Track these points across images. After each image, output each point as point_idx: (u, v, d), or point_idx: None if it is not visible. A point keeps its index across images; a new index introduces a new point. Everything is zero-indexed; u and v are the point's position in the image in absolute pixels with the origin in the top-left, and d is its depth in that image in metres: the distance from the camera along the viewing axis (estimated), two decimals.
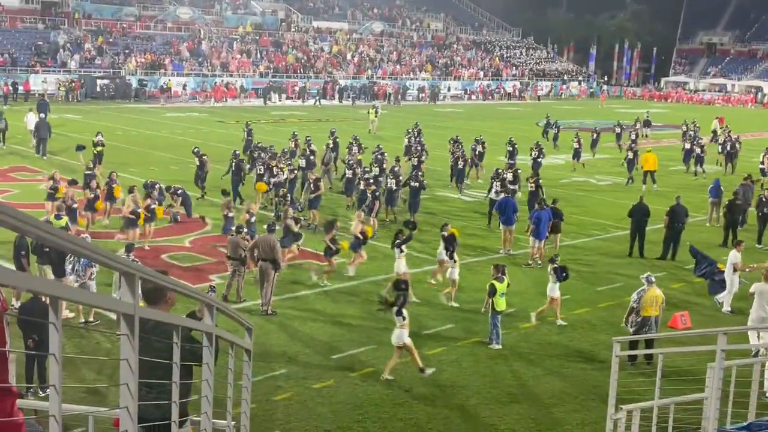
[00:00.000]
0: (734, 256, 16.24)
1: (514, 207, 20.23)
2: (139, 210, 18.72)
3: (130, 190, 19.49)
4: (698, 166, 33.41)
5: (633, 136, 38.26)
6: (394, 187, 22.76)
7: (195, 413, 5.40)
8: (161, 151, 34.13)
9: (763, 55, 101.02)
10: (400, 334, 12.01)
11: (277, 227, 16.39)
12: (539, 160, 30.49)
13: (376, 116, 46.29)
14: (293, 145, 29.23)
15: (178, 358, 4.45)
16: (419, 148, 29.42)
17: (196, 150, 25.87)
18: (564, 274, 14.69)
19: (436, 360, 12.93)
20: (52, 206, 19.54)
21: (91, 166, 22.95)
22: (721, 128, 43.01)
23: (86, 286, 13.39)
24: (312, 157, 26.73)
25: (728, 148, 34.52)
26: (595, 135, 38.60)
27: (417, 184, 22.41)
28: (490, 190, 23.59)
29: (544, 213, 19.10)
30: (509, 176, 24.31)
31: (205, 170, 25.05)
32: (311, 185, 22.21)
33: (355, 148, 27.94)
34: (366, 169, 24.52)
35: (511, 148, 31.78)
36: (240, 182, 24.16)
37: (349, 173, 24.55)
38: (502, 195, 21.42)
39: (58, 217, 16.76)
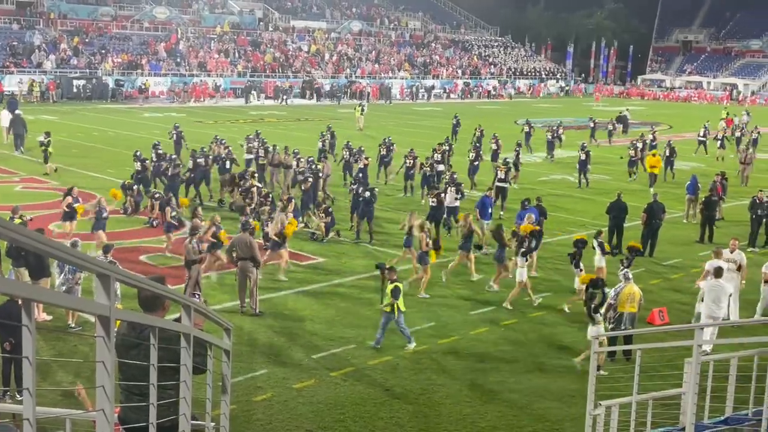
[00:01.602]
0: None
1: (490, 204, 20.86)
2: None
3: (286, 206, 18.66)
4: (634, 167, 32.11)
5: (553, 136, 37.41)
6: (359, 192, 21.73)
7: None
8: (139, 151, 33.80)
9: (738, 53, 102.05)
10: (597, 330, 12.49)
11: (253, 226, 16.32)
12: (476, 163, 28.90)
13: (362, 114, 46.39)
14: (223, 149, 27.33)
15: (156, 360, 4.43)
16: (361, 151, 27.76)
17: (138, 153, 24.81)
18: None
19: (417, 358, 12.95)
20: (71, 226, 18.64)
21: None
22: (728, 129, 42.88)
23: (73, 291, 13.27)
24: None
25: (667, 153, 32.41)
26: (550, 135, 37.54)
27: (368, 194, 20.85)
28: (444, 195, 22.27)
29: (525, 212, 19.23)
30: (501, 174, 24.52)
31: (146, 173, 24.28)
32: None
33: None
34: (302, 169, 24.02)
35: (447, 148, 29.71)
36: (176, 187, 23.04)
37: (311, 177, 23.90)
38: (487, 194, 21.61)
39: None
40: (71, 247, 3.05)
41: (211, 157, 25.82)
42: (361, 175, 24.71)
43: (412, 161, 26.74)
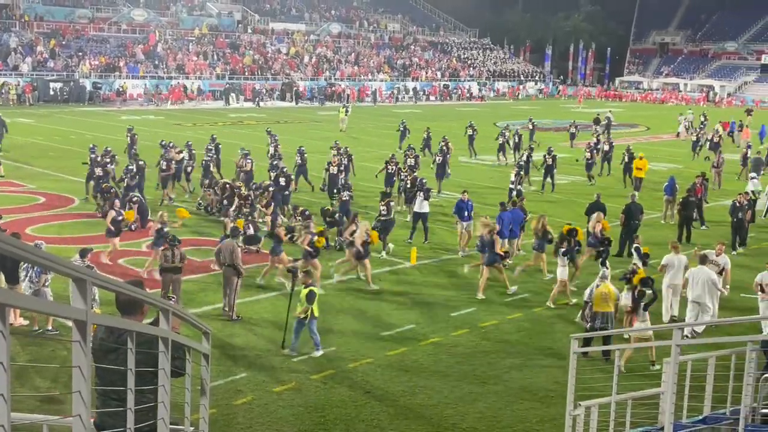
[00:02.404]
0: (763, 276, 14.41)
1: (466, 207, 20.62)
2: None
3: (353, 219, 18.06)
4: (589, 170, 31.89)
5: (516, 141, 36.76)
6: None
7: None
8: (117, 155, 33.54)
9: (714, 55, 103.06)
10: (645, 326, 12.71)
11: (242, 232, 16.31)
12: (445, 167, 28.57)
13: (346, 115, 46.60)
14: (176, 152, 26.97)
15: (133, 364, 4.39)
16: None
17: (98, 159, 24.44)
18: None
19: (397, 360, 12.95)
20: (116, 243, 18.14)
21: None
22: (723, 132, 42.74)
23: (41, 294, 13.14)
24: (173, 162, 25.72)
25: (626, 159, 31.23)
26: (501, 139, 36.46)
27: (335, 219, 20.24)
28: (413, 201, 22.15)
29: (506, 214, 19.35)
30: (512, 176, 24.71)
31: (110, 178, 24.00)
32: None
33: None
34: (259, 184, 23.63)
35: (413, 161, 28.27)
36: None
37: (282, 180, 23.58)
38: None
39: None
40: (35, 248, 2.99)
41: (173, 161, 25.69)
42: (341, 180, 24.64)
43: (393, 167, 26.60)
